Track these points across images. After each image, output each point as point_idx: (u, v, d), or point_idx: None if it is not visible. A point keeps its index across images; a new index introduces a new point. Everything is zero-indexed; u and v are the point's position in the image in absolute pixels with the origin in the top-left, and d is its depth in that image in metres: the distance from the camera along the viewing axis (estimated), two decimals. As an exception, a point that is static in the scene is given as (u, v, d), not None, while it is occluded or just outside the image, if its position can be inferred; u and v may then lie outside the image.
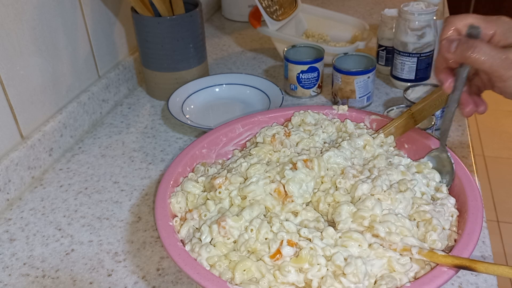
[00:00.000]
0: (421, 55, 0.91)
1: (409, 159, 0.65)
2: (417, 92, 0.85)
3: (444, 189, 0.59)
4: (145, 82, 0.99)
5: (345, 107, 0.74)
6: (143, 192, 0.74)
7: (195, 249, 0.53)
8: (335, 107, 0.74)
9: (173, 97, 0.90)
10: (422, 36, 0.90)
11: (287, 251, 0.50)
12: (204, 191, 0.61)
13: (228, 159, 0.69)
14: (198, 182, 0.62)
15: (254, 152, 0.65)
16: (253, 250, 0.52)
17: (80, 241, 0.65)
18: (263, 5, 1.01)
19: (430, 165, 0.62)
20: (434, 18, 0.90)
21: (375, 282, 0.49)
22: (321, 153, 0.63)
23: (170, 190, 0.61)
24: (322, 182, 0.61)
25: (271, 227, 0.53)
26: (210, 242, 0.54)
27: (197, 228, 0.56)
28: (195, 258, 0.52)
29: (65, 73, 0.84)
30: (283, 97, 0.88)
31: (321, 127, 0.70)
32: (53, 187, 0.75)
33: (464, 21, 0.52)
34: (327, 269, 0.49)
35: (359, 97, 0.89)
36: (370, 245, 0.52)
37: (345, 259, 0.49)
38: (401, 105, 0.80)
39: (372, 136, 0.67)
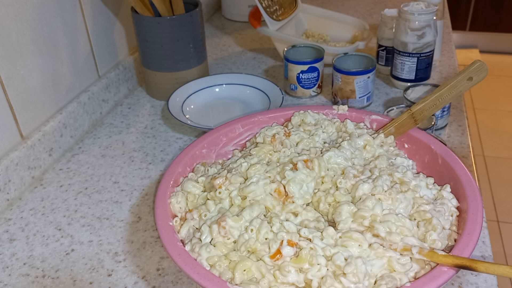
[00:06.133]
0: (421, 55, 0.91)
1: (410, 160, 0.65)
2: (417, 92, 0.85)
3: (445, 188, 0.59)
4: (145, 82, 0.99)
5: (345, 107, 0.74)
6: (143, 192, 0.74)
7: (195, 249, 0.53)
8: (335, 107, 0.74)
9: (173, 97, 0.90)
10: (422, 36, 0.90)
11: (287, 251, 0.50)
12: (204, 191, 0.61)
13: (228, 159, 0.69)
14: (198, 182, 0.62)
15: (254, 152, 0.65)
16: (253, 250, 0.52)
17: (80, 241, 0.65)
18: (263, 5, 1.02)
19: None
20: (434, 18, 0.90)
21: (375, 282, 0.49)
22: (321, 153, 0.63)
23: (170, 190, 0.61)
24: (322, 182, 0.61)
25: (271, 227, 0.53)
26: (210, 242, 0.54)
27: (197, 228, 0.56)
28: (195, 258, 0.52)
29: (65, 73, 0.84)
30: (283, 97, 0.88)
31: (321, 127, 0.70)
32: (53, 187, 0.75)
33: None
34: (327, 269, 0.49)
35: (359, 97, 0.89)
36: (370, 245, 0.52)
37: (345, 259, 0.49)
38: (401, 105, 0.80)
39: (372, 136, 0.67)
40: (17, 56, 0.73)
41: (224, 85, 0.96)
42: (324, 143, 0.68)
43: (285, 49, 0.97)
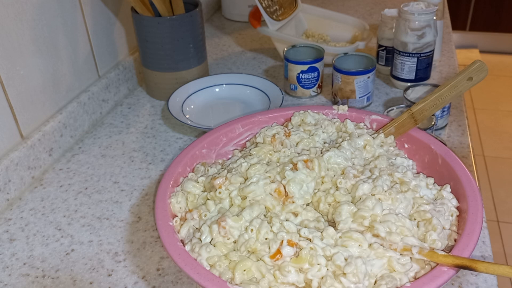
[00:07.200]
0: (421, 55, 0.91)
1: (410, 160, 0.65)
2: (417, 92, 0.85)
3: (445, 188, 0.59)
4: (145, 82, 0.99)
5: (345, 107, 0.74)
6: (143, 192, 0.74)
7: (195, 249, 0.53)
8: (335, 107, 0.74)
9: (173, 97, 0.90)
10: (422, 36, 0.90)
11: (287, 251, 0.50)
12: (204, 191, 0.61)
13: (228, 159, 0.69)
14: (198, 182, 0.62)
15: (254, 152, 0.65)
16: (253, 250, 0.52)
17: (80, 241, 0.65)
18: (263, 5, 1.01)
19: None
20: (434, 18, 0.90)
21: (375, 282, 0.49)
22: (321, 153, 0.63)
23: (170, 190, 0.61)
24: (322, 182, 0.61)
25: (271, 227, 0.53)
26: (210, 242, 0.54)
27: (197, 228, 0.56)
28: (195, 258, 0.52)
29: (65, 73, 0.84)
30: (283, 97, 0.88)
31: (321, 127, 0.70)
32: (53, 187, 0.75)
33: None
34: (327, 269, 0.49)
35: (359, 97, 0.89)
36: (370, 245, 0.52)
37: (345, 259, 0.49)
38: (401, 105, 0.80)
39: (372, 136, 0.67)
40: (17, 56, 0.73)
41: (224, 85, 0.96)
42: (324, 143, 0.68)
43: (285, 49, 0.97)
